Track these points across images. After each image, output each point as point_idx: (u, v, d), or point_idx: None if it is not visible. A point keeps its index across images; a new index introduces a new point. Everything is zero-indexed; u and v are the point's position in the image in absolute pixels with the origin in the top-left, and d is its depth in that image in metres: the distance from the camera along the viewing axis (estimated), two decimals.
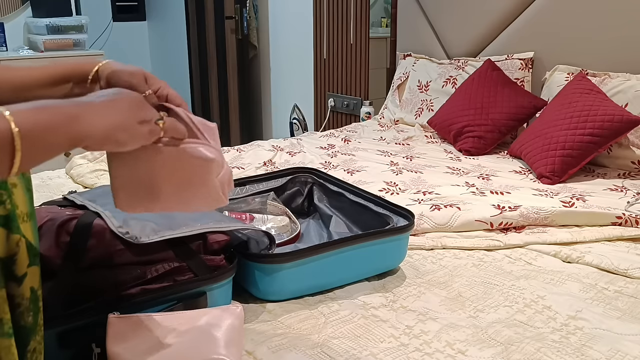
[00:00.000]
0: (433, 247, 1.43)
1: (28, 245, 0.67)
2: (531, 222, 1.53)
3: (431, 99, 2.73)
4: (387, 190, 1.82)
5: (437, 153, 2.34)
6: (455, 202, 1.61)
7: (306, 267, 1.14)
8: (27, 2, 3.80)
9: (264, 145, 2.42)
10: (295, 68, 3.86)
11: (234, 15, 3.96)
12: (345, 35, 3.43)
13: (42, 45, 3.63)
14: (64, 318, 0.89)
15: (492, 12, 2.66)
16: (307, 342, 1.01)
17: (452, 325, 1.07)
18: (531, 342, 1.01)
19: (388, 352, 0.98)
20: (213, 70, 4.18)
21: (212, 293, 1.02)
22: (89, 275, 0.94)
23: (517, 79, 2.50)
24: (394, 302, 1.16)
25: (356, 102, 3.43)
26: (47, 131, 0.53)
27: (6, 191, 0.64)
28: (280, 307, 1.13)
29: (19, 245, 0.66)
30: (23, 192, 0.67)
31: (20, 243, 0.65)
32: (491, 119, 2.34)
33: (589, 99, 2.02)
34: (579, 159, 1.93)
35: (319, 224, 1.53)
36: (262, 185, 1.56)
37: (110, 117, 0.60)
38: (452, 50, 2.89)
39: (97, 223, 0.97)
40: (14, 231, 0.65)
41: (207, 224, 1.04)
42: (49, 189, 1.83)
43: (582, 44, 2.35)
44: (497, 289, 1.21)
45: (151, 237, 0.97)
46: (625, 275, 1.27)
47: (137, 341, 0.88)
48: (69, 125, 0.55)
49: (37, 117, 0.52)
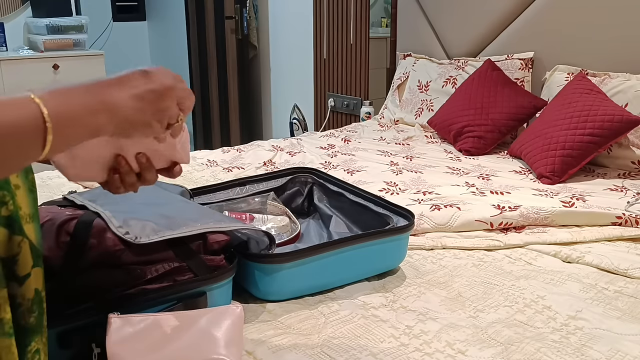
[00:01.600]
0: (433, 247, 1.43)
1: (31, 247, 0.67)
2: (531, 222, 1.53)
3: (431, 99, 2.73)
4: (387, 190, 1.82)
5: (437, 153, 2.34)
6: (455, 202, 1.61)
7: (306, 267, 1.14)
8: (27, 2, 3.80)
9: (264, 145, 2.42)
10: (295, 68, 3.86)
11: (234, 15, 3.96)
12: (345, 35, 3.43)
13: (42, 45, 3.63)
14: (64, 318, 0.89)
15: (492, 12, 2.66)
16: (307, 342, 1.01)
17: (452, 325, 1.07)
18: (531, 342, 1.01)
19: (388, 352, 0.98)
20: (213, 70, 4.18)
21: (212, 293, 1.02)
22: (89, 275, 0.94)
23: (517, 79, 2.50)
24: (394, 302, 1.16)
25: (356, 102, 3.43)
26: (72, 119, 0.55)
27: (9, 192, 0.64)
28: (280, 307, 1.13)
29: (21, 246, 0.66)
30: (26, 194, 0.67)
31: (22, 244, 0.65)
32: (491, 119, 2.34)
33: (589, 99, 2.02)
34: (579, 159, 1.93)
35: (319, 224, 1.53)
36: (262, 185, 1.56)
37: (132, 117, 0.61)
38: (452, 50, 2.89)
39: (97, 223, 0.97)
40: (17, 232, 0.65)
41: (207, 224, 1.04)
42: (49, 189, 1.83)
43: (582, 44, 2.35)
44: (497, 289, 1.21)
45: (151, 237, 0.97)
46: (625, 275, 1.27)
47: (137, 341, 0.88)
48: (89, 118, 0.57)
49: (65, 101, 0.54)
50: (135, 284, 0.96)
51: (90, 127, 0.57)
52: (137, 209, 1.04)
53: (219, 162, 2.18)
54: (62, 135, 0.54)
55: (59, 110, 0.53)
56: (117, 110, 0.59)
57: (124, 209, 1.03)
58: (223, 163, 2.17)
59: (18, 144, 0.51)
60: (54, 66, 3.61)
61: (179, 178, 1.93)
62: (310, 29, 3.66)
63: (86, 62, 3.73)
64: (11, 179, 0.62)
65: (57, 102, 0.53)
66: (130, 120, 0.61)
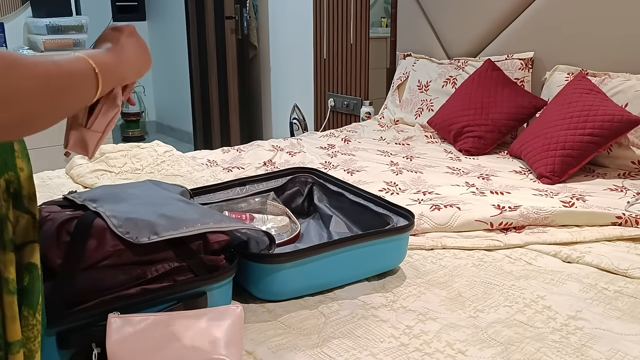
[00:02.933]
0: (433, 247, 1.43)
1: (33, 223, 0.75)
2: (531, 222, 1.53)
3: (431, 99, 2.73)
4: (387, 190, 1.82)
5: (437, 153, 2.34)
6: (455, 202, 1.61)
7: (306, 267, 1.14)
8: (27, 2, 3.80)
9: (264, 145, 2.42)
10: (295, 68, 3.86)
11: (234, 15, 3.96)
12: (345, 35, 3.43)
13: (42, 45, 3.63)
14: (64, 318, 0.89)
15: (492, 12, 2.66)
16: (307, 342, 1.01)
17: (452, 325, 1.07)
18: (531, 342, 1.01)
19: (388, 352, 0.98)
20: (213, 70, 4.18)
21: (212, 293, 1.02)
22: (89, 275, 0.94)
23: (517, 79, 2.50)
24: (394, 302, 1.16)
25: (356, 102, 3.43)
26: (108, 70, 0.75)
27: (15, 174, 0.73)
28: (280, 307, 1.13)
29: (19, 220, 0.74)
30: (28, 177, 0.75)
31: (20, 219, 0.74)
32: (491, 119, 2.34)
33: (589, 99, 2.02)
34: (579, 159, 1.93)
35: (319, 224, 1.53)
36: (262, 185, 1.56)
37: (138, 59, 0.85)
38: (452, 50, 2.89)
39: (97, 223, 0.97)
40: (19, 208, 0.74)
41: (207, 224, 1.04)
42: (49, 189, 1.83)
43: (582, 44, 2.35)
44: (497, 289, 1.21)
45: (151, 237, 0.97)
46: (625, 275, 1.27)
47: (137, 341, 0.88)
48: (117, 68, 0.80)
49: (103, 60, 0.75)
50: (135, 284, 0.96)
51: (120, 76, 0.80)
52: (137, 209, 1.04)
53: (219, 162, 2.18)
54: (105, 81, 0.73)
55: (100, 65, 0.73)
56: (132, 64, 0.83)
57: (124, 209, 1.03)
58: (223, 163, 2.17)
59: (81, 86, 0.70)
60: None
61: (179, 178, 1.93)
62: (310, 29, 3.66)
63: None
64: (17, 163, 0.73)
65: (96, 60, 0.72)
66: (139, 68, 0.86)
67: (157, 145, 2.20)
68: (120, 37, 0.83)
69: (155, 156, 2.12)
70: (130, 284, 0.96)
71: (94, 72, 0.71)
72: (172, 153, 2.16)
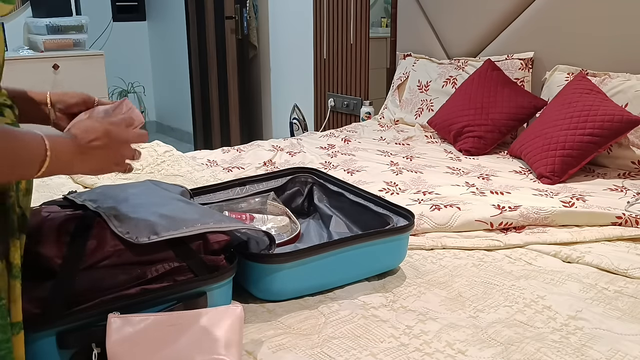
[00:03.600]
0: (433, 247, 1.43)
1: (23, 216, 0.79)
2: (531, 222, 1.53)
3: (431, 99, 2.73)
4: (387, 190, 1.82)
5: (437, 153, 2.34)
6: (455, 202, 1.61)
7: (306, 267, 1.14)
8: (27, 2, 3.80)
9: (264, 145, 2.42)
10: (295, 68, 3.86)
11: (234, 15, 3.96)
12: (345, 35, 3.43)
13: (42, 45, 3.63)
14: (64, 318, 0.89)
15: (492, 12, 2.66)
16: (307, 342, 1.01)
17: (452, 325, 1.07)
18: (531, 342, 1.01)
19: (388, 352, 0.98)
20: (213, 70, 4.18)
21: (212, 293, 1.02)
22: (89, 275, 0.94)
23: (517, 79, 2.50)
24: (394, 302, 1.16)
25: (356, 102, 3.43)
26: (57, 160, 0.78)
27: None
28: (280, 307, 1.13)
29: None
30: None
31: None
32: (491, 119, 2.34)
33: (589, 99, 2.02)
34: (579, 159, 1.93)
35: (319, 224, 1.53)
36: (262, 185, 1.56)
37: (93, 165, 0.86)
38: (452, 50, 2.89)
39: (97, 223, 0.97)
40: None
41: (207, 224, 1.04)
42: (49, 189, 1.83)
43: (582, 44, 2.35)
44: (497, 289, 1.21)
45: (151, 237, 0.97)
46: (625, 275, 1.27)
47: (137, 341, 0.88)
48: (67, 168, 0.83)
49: (58, 148, 0.78)
50: (135, 284, 0.96)
51: (69, 170, 0.83)
52: (137, 209, 1.04)
53: (219, 162, 2.18)
54: (52, 167, 0.76)
55: (54, 151, 0.76)
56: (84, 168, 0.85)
57: (124, 209, 1.03)
58: (223, 163, 2.17)
59: (27, 159, 0.73)
60: (54, 66, 3.61)
61: (179, 178, 1.94)
62: (310, 29, 3.66)
63: (86, 62, 3.73)
64: None
65: (54, 145, 0.76)
66: (91, 167, 0.86)
67: (157, 145, 2.20)
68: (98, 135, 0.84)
69: (155, 156, 2.12)
70: (130, 284, 0.96)
71: (45, 153, 0.75)
72: (172, 153, 2.16)
